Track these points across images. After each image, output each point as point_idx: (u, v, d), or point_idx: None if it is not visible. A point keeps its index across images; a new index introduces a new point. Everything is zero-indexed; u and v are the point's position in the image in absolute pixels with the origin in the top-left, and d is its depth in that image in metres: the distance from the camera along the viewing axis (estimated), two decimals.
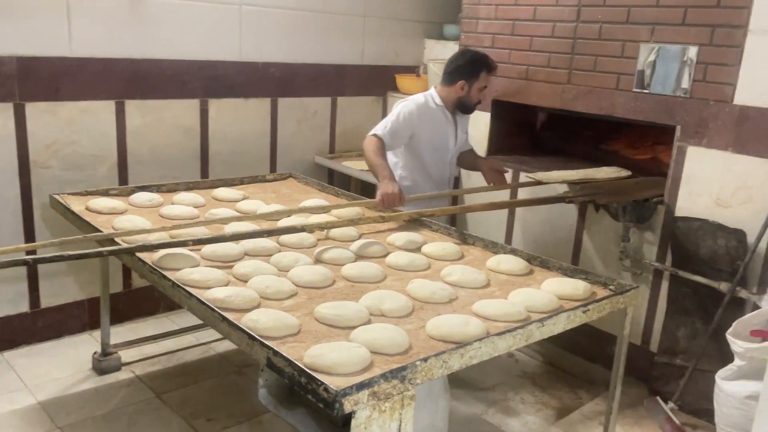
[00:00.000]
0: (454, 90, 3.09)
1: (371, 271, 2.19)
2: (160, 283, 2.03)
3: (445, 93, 3.13)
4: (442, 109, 3.14)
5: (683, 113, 2.95)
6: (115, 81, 3.29)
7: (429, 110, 3.10)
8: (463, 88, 3.08)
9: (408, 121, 3.03)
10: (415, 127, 3.06)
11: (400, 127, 3.02)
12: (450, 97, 3.12)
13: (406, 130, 3.04)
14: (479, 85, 3.09)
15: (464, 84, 3.07)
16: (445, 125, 3.17)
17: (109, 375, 3.08)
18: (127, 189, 3.00)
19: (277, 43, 3.87)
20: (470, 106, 3.16)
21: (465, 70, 3.07)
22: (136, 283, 3.57)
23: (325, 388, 1.38)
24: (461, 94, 3.09)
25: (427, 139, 3.12)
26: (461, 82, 3.07)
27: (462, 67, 3.08)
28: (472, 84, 3.07)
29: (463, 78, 3.06)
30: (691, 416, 2.93)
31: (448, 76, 3.12)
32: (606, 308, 2.02)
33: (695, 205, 2.95)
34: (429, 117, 3.10)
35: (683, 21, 2.91)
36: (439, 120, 3.14)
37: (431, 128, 3.12)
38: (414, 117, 3.04)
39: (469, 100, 3.12)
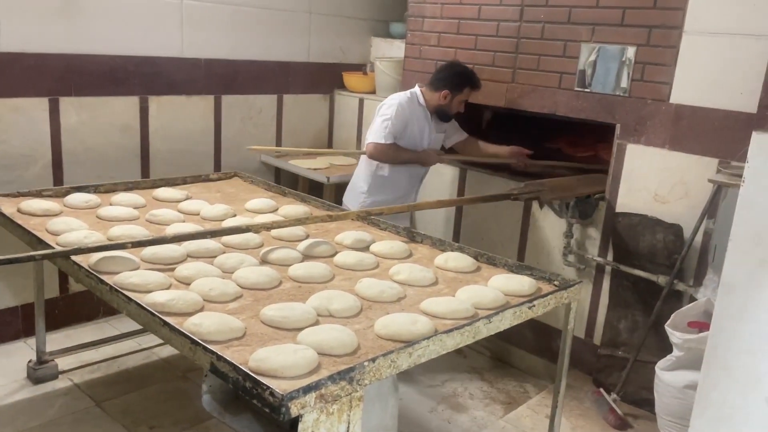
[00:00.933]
0: (437, 96, 3.23)
1: (319, 271, 2.16)
2: (97, 287, 1.95)
3: (429, 96, 3.27)
4: (423, 109, 3.27)
5: (622, 112, 3.03)
6: (48, 77, 3.15)
7: (414, 106, 3.24)
8: (446, 97, 3.22)
9: (401, 115, 3.17)
10: (407, 120, 3.19)
11: (398, 123, 3.16)
12: (432, 102, 3.26)
13: (401, 124, 3.17)
14: (461, 99, 3.25)
15: (448, 94, 3.21)
16: (424, 123, 3.28)
17: (45, 384, 2.95)
18: (62, 190, 2.88)
19: (220, 39, 3.78)
20: (449, 115, 3.32)
21: (452, 82, 3.21)
22: (74, 288, 3.44)
23: (270, 392, 1.35)
24: (443, 102, 3.23)
25: (410, 133, 3.23)
26: (445, 91, 3.21)
27: (450, 77, 3.22)
28: (455, 96, 3.22)
29: (448, 88, 3.20)
30: (633, 406, 3.01)
31: (435, 82, 3.25)
32: (551, 303, 2.05)
33: (635, 201, 3.03)
34: (414, 112, 3.23)
35: (622, 22, 2.98)
36: (421, 117, 3.27)
37: (414, 123, 3.23)
38: (405, 111, 3.18)
39: (449, 110, 3.27)
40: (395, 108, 3.16)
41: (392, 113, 3.15)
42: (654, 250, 2.95)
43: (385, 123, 3.15)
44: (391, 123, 3.14)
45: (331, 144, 4.52)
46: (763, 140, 1.53)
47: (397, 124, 3.15)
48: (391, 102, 3.21)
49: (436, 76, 3.25)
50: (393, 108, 3.16)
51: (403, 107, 3.17)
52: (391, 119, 3.14)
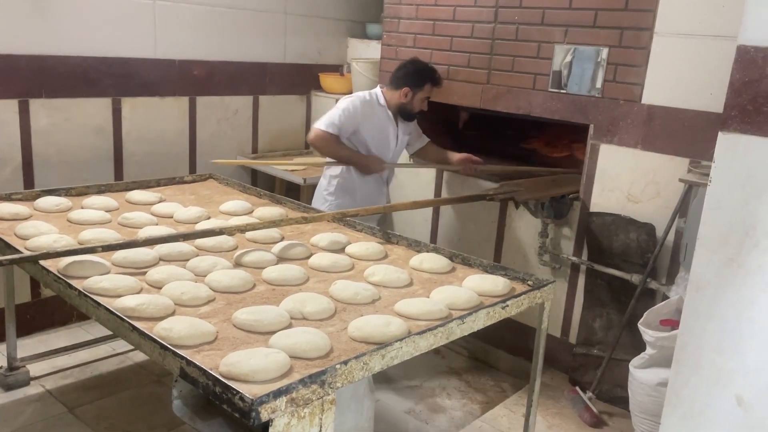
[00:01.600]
0: (398, 95, 3.19)
1: (293, 274, 2.15)
2: (65, 292, 1.92)
3: (390, 96, 3.23)
4: (385, 109, 3.22)
5: (596, 112, 3.06)
6: (18, 78, 3.10)
7: (372, 108, 3.17)
8: (407, 95, 3.18)
9: (352, 116, 3.09)
10: (358, 123, 3.12)
11: (345, 122, 3.09)
12: (393, 101, 3.22)
13: (349, 125, 3.10)
14: (422, 96, 3.21)
15: (408, 91, 3.17)
16: (386, 124, 3.23)
17: (16, 390, 2.90)
18: (32, 193, 2.83)
19: (195, 40, 3.75)
20: (412, 113, 3.27)
21: (411, 79, 3.18)
22: (46, 293, 3.38)
23: (240, 397, 1.34)
24: (404, 100, 3.19)
25: (370, 136, 3.17)
26: (406, 88, 3.17)
27: (409, 75, 3.19)
28: (416, 93, 3.18)
29: (408, 86, 3.16)
30: (608, 404, 3.04)
31: (395, 81, 3.21)
32: (524, 303, 2.05)
33: (608, 201, 3.06)
34: (372, 114, 3.16)
35: (594, 23, 3.01)
36: (382, 118, 3.21)
37: (373, 125, 3.17)
38: (358, 113, 3.10)
39: (411, 108, 3.23)
40: (349, 103, 3.12)
41: (344, 106, 3.10)
42: (627, 249, 2.98)
43: (333, 113, 3.10)
44: (338, 115, 3.08)
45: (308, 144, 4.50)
46: (729, 140, 1.55)
47: (344, 119, 3.08)
48: (350, 100, 3.16)
49: (396, 75, 3.22)
50: (347, 102, 3.12)
51: (356, 105, 3.11)
52: (342, 114, 3.08)
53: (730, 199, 1.57)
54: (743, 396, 1.59)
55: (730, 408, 1.61)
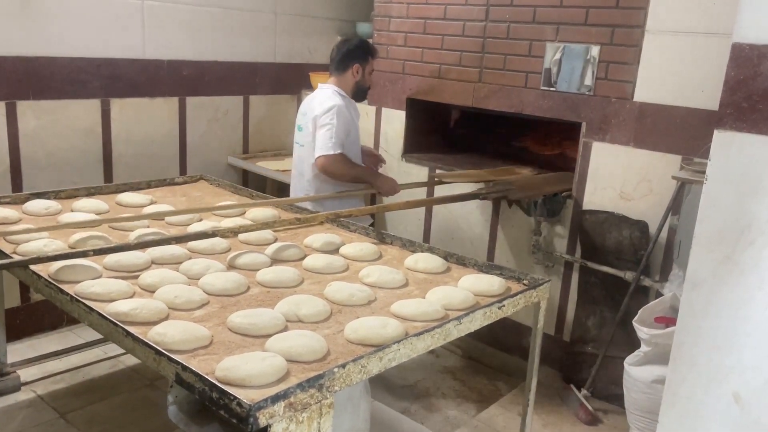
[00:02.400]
0: (350, 75, 3.11)
1: (287, 276, 2.13)
2: (56, 297, 1.89)
3: (343, 82, 3.13)
4: (350, 101, 3.14)
5: (587, 110, 3.06)
6: (5, 80, 3.06)
7: (348, 104, 3.10)
8: (357, 71, 3.11)
9: (345, 121, 3.00)
10: (350, 123, 3.05)
11: (343, 130, 2.98)
12: (347, 85, 3.13)
13: (345, 129, 3.01)
14: (369, 69, 3.16)
15: (358, 68, 3.11)
16: (356, 116, 3.17)
17: (6, 396, 2.87)
18: (21, 196, 2.79)
19: (183, 41, 3.72)
20: (365, 89, 3.21)
21: (356, 54, 3.11)
22: (36, 297, 3.34)
23: (238, 402, 1.32)
24: (357, 78, 3.12)
25: (354, 134, 3.12)
26: (356, 65, 3.10)
27: (352, 51, 3.12)
28: (364, 67, 3.13)
29: (356, 62, 3.10)
30: (604, 402, 3.05)
31: (340, 63, 3.12)
32: (520, 303, 2.05)
33: (601, 199, 3.07)
34: (350, 111, 3.10)
35: (585, 21, 3.01)
36: (354, 112, 3.15)
37: (354, 122, 3.13)
38: (346, 113, 3.03)
39: (364, 84, 3.16)
40: (335, 113, 2.96)
41: (335, 120, 2.94)
42: (620, 246, 2.99)
43: (329, 133, 2.94)
44: (335, 131, 2.93)
45: None
46: (725, 138, 1.55)
47: (343, 132, 2.97)
48: (328, 107, 2.98)
49: (338, 58, 3.11)
50: (333, 113, 2.95)
51: (342, 110, 2.98)
52: (335, 126, 2.93)
53: (726, 197, 1.57)
54: (740, 393, 1.59)
55: (727, 406, 1.61)
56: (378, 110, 3.92)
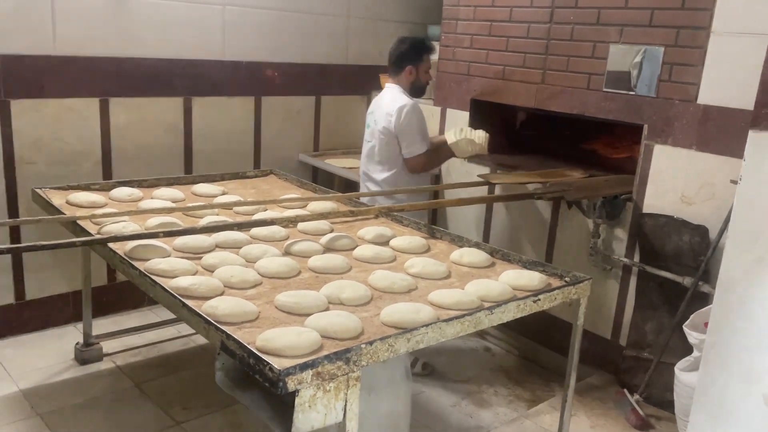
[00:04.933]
0: (404, 77, 3.26)
1: (336, 263, 2.27)
2: (128, 272, 2.11)
3: (402, 82, 3.27)
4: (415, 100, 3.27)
5: (650, 112, 3.02)
6: (99, 79, 3.38)
7: (415, 102, 3.23)
8: (411, 72, 3.25)
9: (420, 116, 3.19)
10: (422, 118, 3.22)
11: (423, 126, 3.20)
12: (404, 85, 3.27)
13: (424, 124, 3.21)
14: (425, 67, 3.28)
15: (412, 69, 3.24)
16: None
17: (90, 365, 3.17)
18: (108, 184, 3.08)
19: (260, 43, 3.95)
20: (422, 87, 3.33)
21: (409, 56, 3.24)
22: (120, 277, 3.66)
23: (270, 368, 1.46)
24: (412, 78, 3.26)
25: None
26: (409, 67, 3.24)
27: (405, 53, 3.25)
28: (418, 67, 3.25)
29: (409, 63, 3.23)
30: (657, 408, 3.00)
31: (395, 66, 3.27)
32: (558, 298, 2.09)
33: (661, 202, 3.02)
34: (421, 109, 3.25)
35: (650, 22, 2.98)
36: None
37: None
38: (419, 110, 3.20)
39: (420, 82, 3.29)
40: (410, 111, 3.12)
41: (414, 121, 3.13)
42: (680, 251, 2.94)
43: (411, 136, 3.13)
44: (417, 131, 3.14)
45: None
46: (760, 139, 1.55)
47: (423, 126, 3.18)
48: (402, 111, 3.12)
49: (392, 61, 3.27)
50: (412, 114, 3.13)
51: (416, 108, 3.16)
52: (416, 127, 3.14)
53: (761, 198, 1.57)
54: None
55: (757, 407, 1.60)
56: (443, 111, 4.01)
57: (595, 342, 3.34)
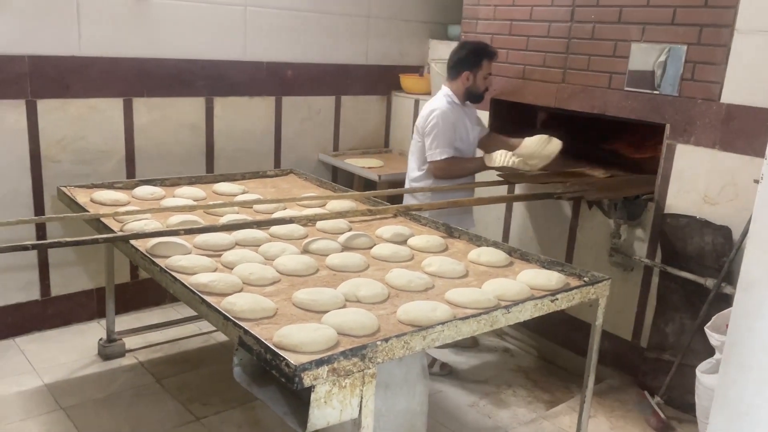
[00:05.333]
0: (460, 82, 3.22)
1: (354, 261, 2.28)
2: (150, 268, 2.15)
3: (455, 87, 3.26)
4: (460, 105, 3.26)
5: (672, 112, 2.99)
6: (123, 79, 3.43)
7: (454, 108, 3.23)
8: (468, 78, 3.21)
9: (448, 122, 3.15)
10: (455, 124, 3.18)
11: (449, 132, 3.15)
12: (459, 91, 3.25)
13: (452, 131, 3.16)
14: (483, 73, 3.23)
15: (469, 74, 3.20)
16: (465, 120, 3.28)
17: (113, 360, 3.22)
18: (131, 182, 3.14)
19: (281, 44, 3.98)
20: (479, 94, 3.29)
21: (467, 62, 3.21)
22: (143, 275, 3.71)
23: (286, 363, 1.47)
24: (468, 84, 3.22)
25: (459, 136, 3.23)
26: (466, 73, 3.20)
27: (463, 59, 3.22)
28: (476, 73, 3.21)
29: (467, 69, 3.20)
30: (678, 411, 2.96)
31: (452, 70, 3.25)
32: (576, 298, 2.07)
33: (684, 202, 2.99)
34: (457, 114, 3.22)
35: (672, 21, 2.95)
36: (462, 115, 3.26)
37: (459, 125, 3.23)
38: (450, 116, 3.17)
39: (477, 89, 3.25)
40: (439, 118, 3.12)
41: (439, 125, 3.12)
42: (702, 252, 2.90)
43: (435, 140, 3.11)
44: (441, 135, 3.10)
45: (388, 143, 4.65)
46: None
47: (447, 133, 3.12)
48: (431, 113, 3.16)
49: (450, 64, 3.25)
50: (437, 120, 3.13)
51: (446, 114, 3.14)
52: (440, 131, 3.11)
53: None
54: None
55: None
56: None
57: (616, 343, 3.31)
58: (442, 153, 3.12)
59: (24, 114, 3.18)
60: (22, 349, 3.27)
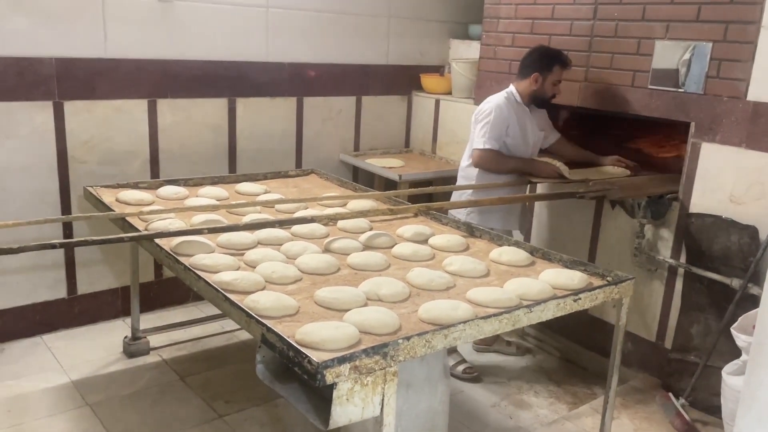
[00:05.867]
0: (528, 83, 3.20)
1: (375, 260, 2.29)
2: (174, 267, 2.18)
3: (521, 87, 3.24)
4: (522, 106, 3.25)
5: (697, 110, 2.95)
6: (147, 81, 3.48)
7: (513, 105, 3.21)
8: (537, 80, 3.18)
9: (501, 117, 3.13)
10: (508, 120, 3.16)
11: (499, 126, 3.13)
12: (526, 91, 3.23)
13: (502, 126, 3.14)
14: (553, 79, 3.20)
15: (538, 76, 3.17)
16: (525, 121, 3.26)
17: (137, 358, 3.26)
18: (155, 182, 3.18)
19: (303, 45, 4.00)
20: (545, 98, 3.26)
21: (539, 64, 3.19)
22: (167, 273, 3.76)
23: (308, 360, 1.49)
24: (535, 86, 3.20)
25: (513, 133, 3.21)
26: (535, 74, 3.18)
27: (536, 60, 3.20)
28: (545, 77, 3.18)
29: (537, 71, 3.17)
30: (703, 413, 2.92)
31: (523, 69, 3.23)
32: (599, 297, 2.06)
33: (709, 202, 2.95)
34: (514, 111, 3.20)
35: (697, 17, 2.91)
36: (521, 116, 3.24)
37: (515, 124, 3.21)
38: (504, 111, 3.15)
39: (543, 93, 3.22)
40: (493, 111, 3.11)
41: (491, 117, 3.12)
42: (728, 252, 2.85)
43: (484, 129, 3.12)
44: (490, 127, 3.10)
45: (408, 143, 4.65)
46: None
47: (497, 127, 3.11)
48: (487, 106, 3.16)
49: (523, 63, 3.23)
50: (491, 111, 3.13)
51: (501, 108, 3.12)
52: (490, 123, 3.10)
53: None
54: None
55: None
56: None
57: (639, 344, 3.28)
58: (486, 143, 3.10)
59: (51, 115, 3.24)
60: (49, 347, 3.33)
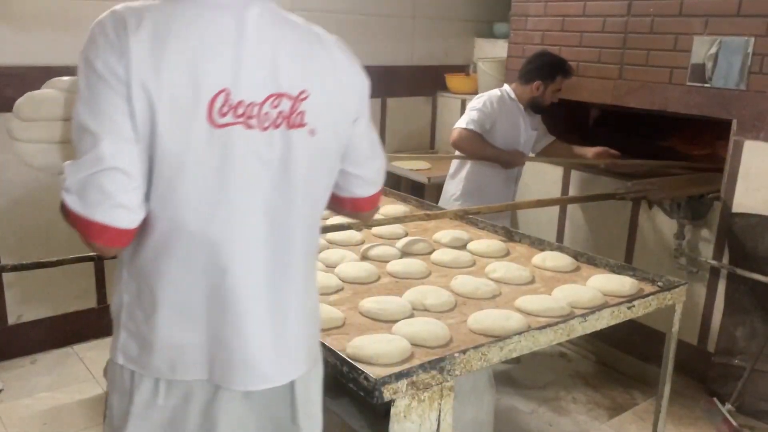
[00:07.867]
0: (529, 89, 3.18)
1: (416, 268, 2.23)
2: None
3: (520, 91, 3.21)
4: (516, 104, 3.22)
5: (740, 107, 2.87)
6: None
7: (505, 103, 3.19)
8: (538, 88, 3.16)
9: (489, 113, 3.13)
10: (495, 116, 3.15)
11: (485, 116, 3.12)
12: (524, 96, 3.21)
13: (488, 120, 3.13)
14: (554, 88, 3.18)
15: (540, 84, 3.15)
16: (518, 120, 3.23)
17: None
18: None
19: None
20: (543, 106, 3.24)
21: (542, 72, 3.16)
22: None
23: (365, 376, 1.43)
24: (536, 94, 3.17)
25: (502, 131, 3.18)
26: (537, 82, 3.15)
27: (540, 68, 3.17)
28: (547, 86, 3.16)
29: (540, 79, 3.15)
30: (750, 418, 2.84)
31: (525, 75, 3.20)
32: (652, 304, 1.99)
33: (753, 201, 2.86)
34: (506, 109, 3.18)
35: (738, 12, 2.83)
36: (514, 114, 3.22)
37: (506, 121, 3.19)
38: (494, 107, 3.14)
39: (542, 101, 3.21)
40: (483, 101, 3.15)
41: (479, 105, 3.15)
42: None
43: (471, 113, 3.14)
44: (477, 112, 3.12)
45: (434, 144, 4.59)
46: None
47: (483, 116, 3.11)
48: (479, 98, 3.21)
49: (526, 68, 3.20)
50: (480, 101, 3.16)
51: (491, 101, 3.14)
52: (478, 109, 3.13)
53: None
54: None
55: None
56: None
57: (680, 348, 3.14)
58: (470, 124, 3.09)
59: None
60: (80, 357, 3.31)
